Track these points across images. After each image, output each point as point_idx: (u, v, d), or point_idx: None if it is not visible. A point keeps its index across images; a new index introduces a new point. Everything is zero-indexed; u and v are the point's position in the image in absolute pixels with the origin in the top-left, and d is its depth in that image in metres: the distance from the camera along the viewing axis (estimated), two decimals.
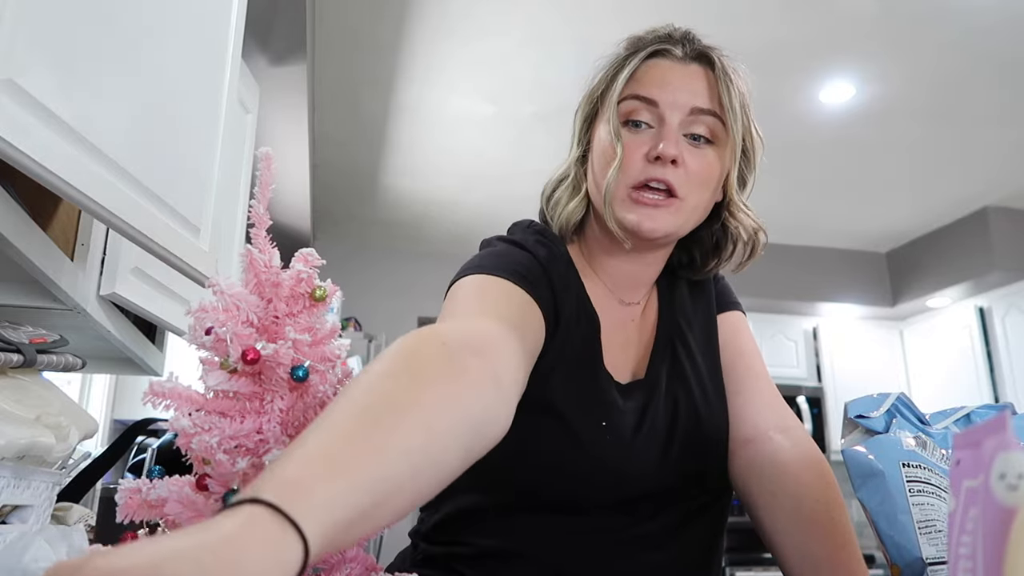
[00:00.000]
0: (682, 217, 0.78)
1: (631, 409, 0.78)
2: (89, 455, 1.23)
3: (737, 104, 0.79)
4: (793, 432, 0.80)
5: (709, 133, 0.79)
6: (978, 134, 3.25)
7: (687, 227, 0.81)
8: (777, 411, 0.82)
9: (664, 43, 0.82)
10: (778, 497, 0.75)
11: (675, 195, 0.77)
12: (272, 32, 2.13)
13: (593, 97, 0.84)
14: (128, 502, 0.45)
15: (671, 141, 0.76)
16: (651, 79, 0.79)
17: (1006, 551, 0.29)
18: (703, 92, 0.78)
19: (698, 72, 0.80)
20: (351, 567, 0.48)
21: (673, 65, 0.80)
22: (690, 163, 0.77)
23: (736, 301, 0.94)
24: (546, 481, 0.74)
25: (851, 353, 4.53)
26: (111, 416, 2.34)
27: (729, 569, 3.60)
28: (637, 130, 0.79)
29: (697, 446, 0.79)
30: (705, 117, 0.78)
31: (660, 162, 0.76)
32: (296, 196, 3.24)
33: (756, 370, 0.86)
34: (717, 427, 0.82)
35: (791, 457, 0.77)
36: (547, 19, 2.53)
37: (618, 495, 0.75)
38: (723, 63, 0.80)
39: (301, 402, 0.48)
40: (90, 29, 0.76)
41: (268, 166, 0.52)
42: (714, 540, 0.83)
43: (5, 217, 0.79)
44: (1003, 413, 0.32)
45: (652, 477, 0.76)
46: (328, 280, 0.50)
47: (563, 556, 0.75)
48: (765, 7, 2.47)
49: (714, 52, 0.81)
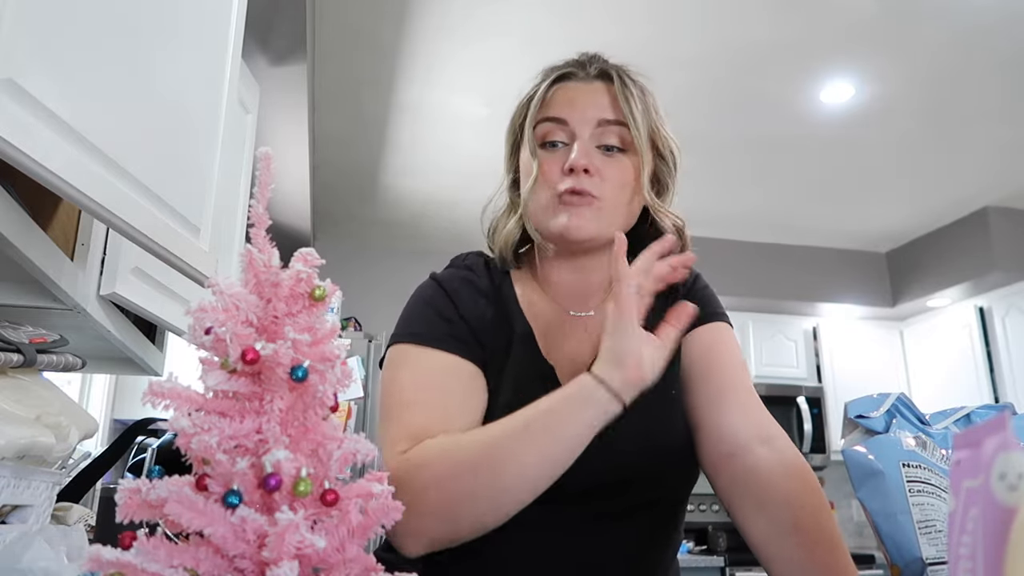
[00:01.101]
0: (605, 218, 0.84)
1: None
2: (89, 455, 1.23)
3: (638, 112, 0.84)
4: (775, 442, 0.79)
5: (620, 141, 0.85)
6: (978, 134, 3.25)
7: (612, 228, 0.83)
8: (758, 422, 0.81)
9: (570, 67, 0.89)
10: (764, 508, 0.75)
11: (594, 197, 0.83)
12: (272, 32, 2.13)
13: (514, 127, 0.92)
14: (128, 502, 0.45)
15: (581, 152, 0.82)
16: (559, 101, 0.87)
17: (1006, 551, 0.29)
18: (607, 105, 0.85)
19: (601, 88, 0.86)
20: (351, 567, 0.48)
21: (578, 85, 0.87)
22: (604, 170, 0.83)
23: (719, 312, 0.93)
24: None
25: (851, 353, 4.52)
26: (111, 416, 2.34)
27: (729, 569, 3.60)
28: (554, 149, 0.86)
29: (635, 452, 0.81)
30: (612, 127, 0.85)
31: (575, 173, 0.82)
32: (296, 196, 3.24)
33: (735, 382, 0.85)
34: (664, 437, 0.83)
35: (774, 467, 0.76)
36: (546, 21, 2.54)
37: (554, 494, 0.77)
38: (622, 77, 0.87)
39: (301, 402, 0.48)
40: (90, 29, 0.76)
41: (268, 166, 0.52)
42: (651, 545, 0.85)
43: (5, 217, 0.79)
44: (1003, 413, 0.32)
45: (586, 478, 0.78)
46: (328, 280, 0.50)
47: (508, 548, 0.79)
48: (765, 7, 2.47)
49: (615, 69, 0.88)
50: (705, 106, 3.05)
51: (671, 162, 0.89)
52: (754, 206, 4.03)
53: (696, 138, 3.24)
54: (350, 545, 0.47)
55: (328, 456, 0.47)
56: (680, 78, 2.86)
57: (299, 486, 0.44)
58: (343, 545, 0.47)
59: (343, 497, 0.47)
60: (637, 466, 0.81)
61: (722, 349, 0.89)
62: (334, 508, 0.47)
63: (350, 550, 0.47)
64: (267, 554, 0.42)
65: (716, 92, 2.96)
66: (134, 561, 0.44)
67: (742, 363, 0.89)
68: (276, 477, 0.44)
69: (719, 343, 0.90)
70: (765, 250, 4.52)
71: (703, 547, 4.04)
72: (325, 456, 0.48)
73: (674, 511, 0.88)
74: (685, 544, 3.96)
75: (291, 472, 0.44)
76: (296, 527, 0.42)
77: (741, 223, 4.26)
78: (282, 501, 0.45)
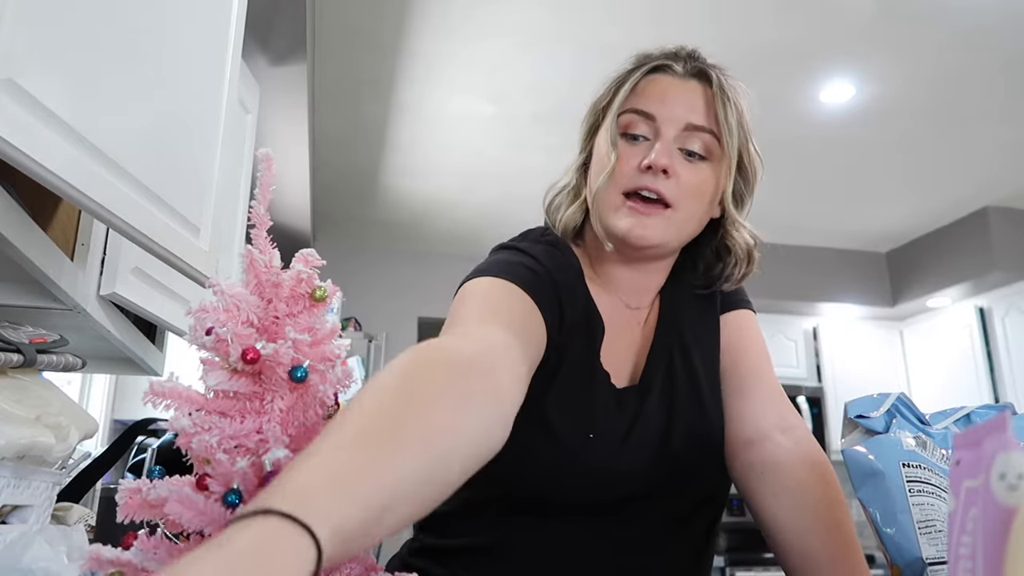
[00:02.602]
0: (673, 228, 0.80)
1: (624, 413, 0.80)
2: (89, 455, 1.23)
3: (733, 122, 0.80)
4: (795, 432, 0.80)
5: (704, 149, 0.80)
6: (978, 134, 3.25)
7: (679, 239, 0.82)
8: (779, 411, 0.82)
9: (667, 59, 0.83)
10: (780, 497, 0.75)
11: (667, 204, 0.78)
12: (272, 32, 2.13)
13: (597, 109, 0.86)
14: (128, 502, 0.45)
15: (663, 152, 0.78)
16: (650, 94, 0.81)
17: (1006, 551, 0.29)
18: (700, 108, 0.80)
19: (696, 89, 0.81)
20: (351, 567, 0.48)
21: (673, 81, 0.82)
22: (682, 175, 0.79)
23: (745, 299, 0.94)
24: (534, 484, 0.76)
25: (851, 353, 4.52)
26: (111, 416, 2.33)
27: (729, 569, 3.60)
28: (634, 142, 0.81)
29: (690, 453, 0.80)
30: (700, 134, 0.80)
31: (651, 171, 0.77)
32: (296, 196, 3.24)
33: (759, 370, 0.86)
34: (711, 434, 0.82)
35: (793, 457, 0.77)
36: (546, 21, 2.54)
37: (605, 497, 0.77)
38: (721, 81, 0.82)
39: (301, 402, 0.48)
40: (90, 29, 0.76)
41: (268, 167, 0.52)
42: (705, 544, 0.84)
43: (5, 217, 0.79)
44: (1003, 413, 0.32)
45: (639, 481, 0.77)
46: (328, 280, 0.50)
47: (549, 556, 0.76)
48: (765, 7, 2.47)
49: (714, 70, 0.83)
50: None
51: (751, 178, 0.85)
52: (754, 206, 4.02)
53: None
54: None
55: None
56: None
57: None
58: None
59: None
60: (695, 462, 0.80)
61: (751, 336, 0.89)
62: None
63: None
64: None
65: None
66: (134, 561, 0.44)
67: (765, 351, 0.89)
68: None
69: (747, 330, 0.90)
70: (765, 250, 4.51)
71: None
72: None
73: (717, 512, 0.86)
74: None
75: None
76: None
77: None
78: None
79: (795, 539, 0.73)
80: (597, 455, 0.76)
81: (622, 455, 0.77)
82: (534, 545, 0.77)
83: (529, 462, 0.75)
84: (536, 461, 0.75)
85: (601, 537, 0.77)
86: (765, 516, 0.76)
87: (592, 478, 0.76)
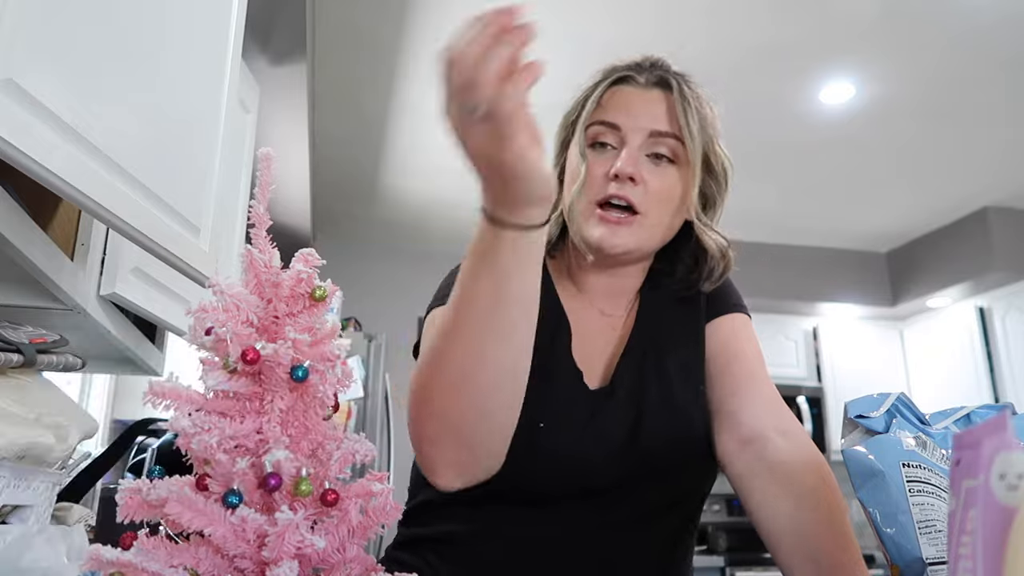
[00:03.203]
0: (644, 233, 0.83)
1: (587, 410, 0.82)
2: (89, 455, 1.23)
3: (695, 126, 0.83)
4: (793, 434, 0.80)
5: (671, 153, 0.83)
6: (978, 134, 3.25)
7: (651, 244, 0.85)
8: (777, 413, 0.82)
9: (630, 71, 0.87)
10: (779, 498, 0.75)
11: (636, 211, 0.81)
12: (272, 32, 2.13)
13: (567, 123, 0.91)
14: (128, 502, 0.45)
15: (628, 160, 0.81)
16: (615, 105, 0.85)
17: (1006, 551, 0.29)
18: (662, 116, 0.84)
19: (659, 97, 0.85)
20: (351, 567, 0.48)
21: (636, 91, 0.86)
22: (650, 181, 0.82)
23: (738, 303, 0.94)
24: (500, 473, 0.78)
25: (851, 353, 4.52)
26: (111, 416, 2.33)
27: (729, 569, 3.60)
28: (603, 152, 0.84)
29: (659, 452, 0.81)
30: (665, 139, 0.83)
31: (619, 180, 0.81)
32: (296, 196, 3.24)
33: (755, 373, 0.86)
34: (684, 435, 0.83)
35: (792, 459, 0.77)
36: (546, 19, 2.53)
37: (564, 488, 0.79)
38: (682, 88, 0.85)
39: (301, 402, 0.48)
40: (90, 29, 0.76)
41: (268, 166, 0.52)
42: (682, 539, 0.86)
43: (5, 217, 0.79)
44: (1003, 413, 0.32)
45: (603, 474, 0.79)
46: (328, 280, 0.50)
47: (517, 546, 0.79)
48: (765, 7, 2.47)
49: (676, 78, 0.86)
50: None
51: (722, 179, 0.88)
52: (754, 206, 4.03)
53: None
54: (350, 545, 0.47)
55: (328, 456, 0.47)
56: None
57: (299, 486, 0.44)
58: (343, 545, 0.47)
59: (343, 497, 0.47)
60: (664, 460, 0.82)
61: (745, 339, 0.90)
62: (334, 508, 0.47)
63: (350, 550, 0.48)
64: (267, 554, 0.42)
65: (715, 92, 2.96)
66: (134, 561, 0.44)
67: (761, 355, 0.89)
68: (276, 477, 0.44)
69: (741, 333, 0.90)
70: (765, 250, 4.52)
71: (703, 547, 4.04)
72: (325, 456, 0.48)
73: (695, 508, 0.89)
74: None
75: (291, 472, 0.44)
76: (296, 527, 0.42)
77: (741, 223, 4.25)
78: (282, 501, 0.45)
79: (793, 540, 0.73)
80: (545, 444, 0.78)
81: (575, 446, 0.80)
82: (501, 534, 0.80)
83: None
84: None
85: (568, 528, 0.79)
86: (763, 517, 0.76)
87: (540, 465, 0.78)
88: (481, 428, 0.67)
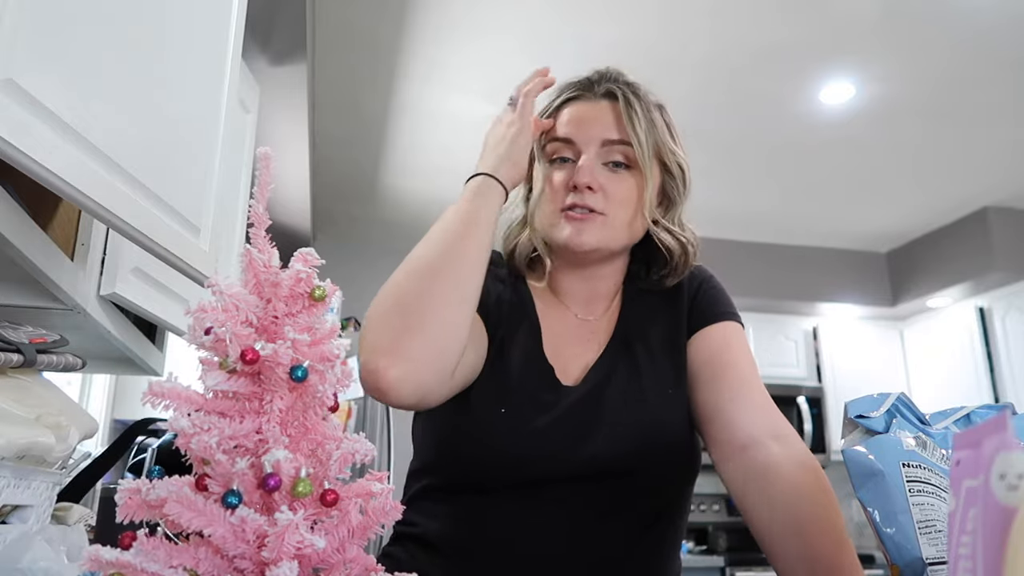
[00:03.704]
0: (609, 232, 0.88)
1: (552, 403, 0.85)
2: (89, 455, 1.23)
3: (642, 131, 0.88)
4: (788, 439, 0.80)
5: (625, 159, 0.89)
6: (978, 134, 3.25)
7: (617, 242, 0.90)
8: (771, 418, 0.83)
9: (580, 88, 0.93)
10: (775, 503, 0.75)
11: (601, 214, 0.87)
12: (272, 32, 2.13)
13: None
14: (128, 502, 0.45)
15: (584, 171, 0.87)
16: (568, 120, 0.91)
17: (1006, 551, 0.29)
18: (612, 124, 0.89)
19: (607, 107, 0.90)
20: (351, 567, 0.48)
21: (586, 105, 0.92)
22: (608, 187, 0.87)
23: (729, 311, 0.95)
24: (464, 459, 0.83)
25: (851, 353, 4.52)
26: (111, 416, 2.34)
27: (729, 569, 3.60)
28: (563, 165, 0.90)
29: (624, 445, 0.83)
30: (618, 146, 0.88)
31: (578, 190, 0.87)
32: (296, 196, 3.24)
33: (748, 380, 0.87)
34: (652, 435, 0.85)
35: (787, 463, 0.77)
36: (546, 18, 2.54)
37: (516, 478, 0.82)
38: (627, 96, 0.90)
39: (300, 402, 0.48)
40: (90, 29, 0.76)
41: (267, 166, 0.52)
42: (662, 535, 0.87)
43: (5, 217, 0.79)
44: (1003, 413, 0.32)
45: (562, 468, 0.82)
46: (327, 280, 0.50)
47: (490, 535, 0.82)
48: (765, 8, 2.47)
49: (623, 88, 0.91)
50: (704, 107, 3.05)
51: (679, 178, 0.92)
52: (754, 206, 4.03)
53: (696, 138, 3.24)
54: (350, 545, 0.47)
55: (328, 456, 0.47)
56: (679, 78, 2.86)
57: (299, 486, 0.44)
58: (343, 545, 0.47)
59: (343, 497, 0.47)
60: (636, 458, 0.83)
61: (737, 347, 0.91)
62: (334, 508, 0.47)
63: (350, 550, 0.48)
64: (267, 554, 0.42)
65: (715, 92, 2.96)
66: (134, 561, 0.44)
67: (753, 363, 0.90)
68: (276, 477, 0.44)
69: (733, 342, 0.91)
70: (765, 250, 4.52)
71: (703, 547, 4.05)
72: (325, 456, 0.48)
73: (675, 508, 0.90)
74: (685, 544, 3.96)
75: (291, 472, 0.44)
76: (296, 527, 0.42)
77: (741, 223, 4.25)
78: (282, 501, 0.45)
79: (790, 545, 0.73)
80: (505, 432, 0.82)
81: (534, 438, 0.82)
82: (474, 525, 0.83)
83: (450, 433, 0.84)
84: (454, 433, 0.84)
85: (544, 519, 0.81)
86: (759, 522, 0.76)
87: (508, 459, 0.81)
88: (427, 314, 0.74)
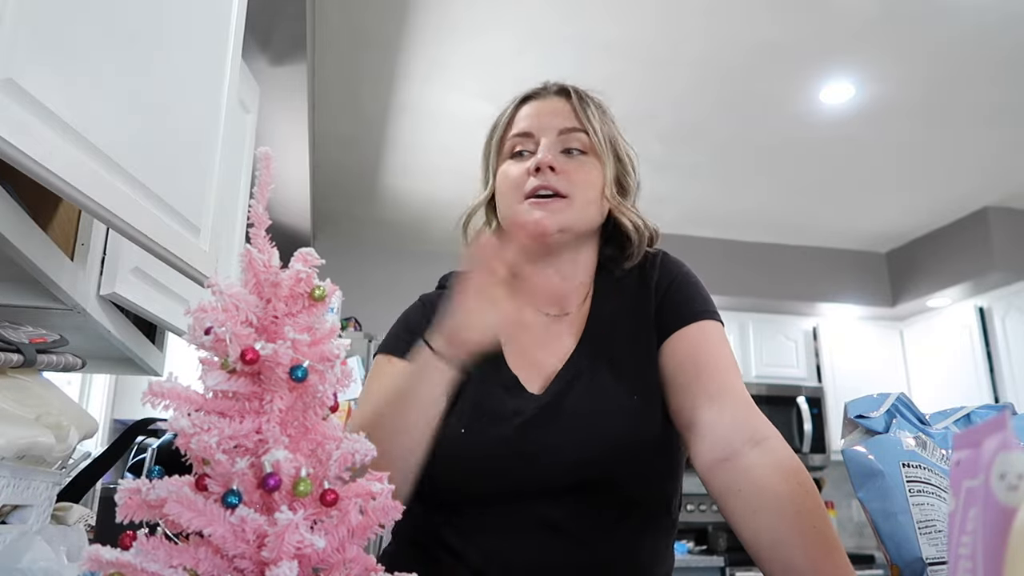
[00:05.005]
0: (574, 211, 0.91)
1: (517, 413, 0.86)
2: (89, 455, 1.23)
3: (596, 121, 0.94)
4: (767, 443, 0.78)
5: (582, 146, 0.94)
6: (978, 134, 3.25)
7: (584, 223, 0.93)
8: (749, 423, 0.80)
9: (534, 91, 1.00)
10: (759, 513, 0.74)
11: (564, 196, 0.90)
12: (272, 32, 2.13)
13: (488, 147, 1.02)
14: (128, 502, 0.45)
15: (545, 152, 0.92)
16: (525, 116, 0.97)
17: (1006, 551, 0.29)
18: (567, 114, 0.95)
19: (560, 101, 0.97)
20: (351, 567, 0.48)
21: (540, 102, 0.98)
22: (569, 170, 0.91)
23: (702, 310, 0.91)
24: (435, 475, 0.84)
25: (851, 353, 4.52)
26: (111, 416, 2.34)
27: (729, 569, 3.60)
28: (523, 158, 0.95)
29: (597, 449, 0.84)
30: (574, 133, 0.94)
31: (540, 172, 0.90)
32: (296, 196, 3.24)
33: (725, 382, 0.84)
34: (622, 440, 0.85)
35: (767, 471, 0.75)
36: (547, 18, 2.54)
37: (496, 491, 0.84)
38: (579, 91, 0.97)
39: (300, 402, 0.48)
40: (90, 29, 0.76)
41: (268, 166, 0.52)
42: (650, 540, 0.88)
43: (5, 217, 0.79)
44: (1003, 413, 0.32)
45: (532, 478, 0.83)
46: (327, 280, 0.50)
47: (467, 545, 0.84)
48: (764, 7, 2.47)
49: (573, 87, 0.98)
50: (704, 106, 3.05)
51: (630, 167, 0.97)
52: (754, 206, 4.03)
53: (696, 138, 3.24)
54: (350, 545, 0.47)
55: (327, 456, 0.47)
56: (680, 77, 2.86)
57: (299, 486, 0.44)
58: (343, 545, 0.47)
59: (343, 497, 0.47)
60: (609, 463, 0.84)
61: (709, 349, 0.88)
62: (334, 508, 0.47)
63: (350, 550, 0.48)
64: (267, 554, 0.42)
65: (715, 92, 2.96)
66: (134, 561, 0.44)
67: (732, 362, 0.88)
68: (275, 477, 0.44)
69: (708, 342, 0.88)
70: (765, 250, 4.52)
71: (703, 547, 4.04)
72: (324, 456, 0.48)
73: (659, 507, 0.89)
74: (685, 544, 3.96)
75: (290, 472, 0.44)
76: (296, 527, 0.42)
77: (741, 223, 4.25)
78: (282, 501, 0.45)
79: (777, 553, 0.72)
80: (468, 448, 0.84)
81: (498, 449, 0.84)
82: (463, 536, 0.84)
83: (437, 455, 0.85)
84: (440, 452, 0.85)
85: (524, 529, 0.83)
86: (746, 532, 0.75)
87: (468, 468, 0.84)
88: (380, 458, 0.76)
